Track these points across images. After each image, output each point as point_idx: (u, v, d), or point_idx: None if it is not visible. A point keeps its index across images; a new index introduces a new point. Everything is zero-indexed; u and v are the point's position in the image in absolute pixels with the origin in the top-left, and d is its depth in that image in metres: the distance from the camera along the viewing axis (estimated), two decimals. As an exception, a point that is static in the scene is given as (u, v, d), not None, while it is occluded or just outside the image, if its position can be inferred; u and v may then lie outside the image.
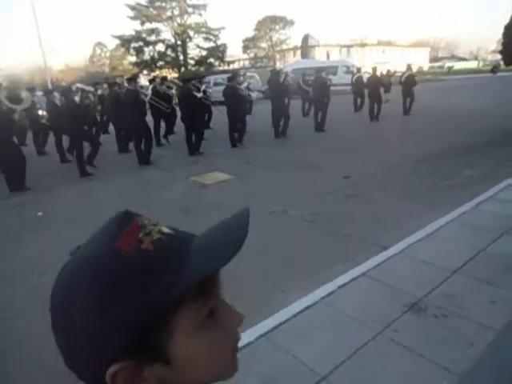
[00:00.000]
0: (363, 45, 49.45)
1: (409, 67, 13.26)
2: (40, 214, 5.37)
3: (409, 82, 12.83)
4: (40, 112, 8.70)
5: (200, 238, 0.45)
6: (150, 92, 9.21)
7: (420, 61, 49.08)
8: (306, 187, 5.65)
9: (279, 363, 2.18)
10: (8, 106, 6.12)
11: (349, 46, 49.30)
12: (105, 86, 11.09)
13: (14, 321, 2.88)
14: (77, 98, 7.52)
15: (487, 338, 2.22)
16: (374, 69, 12.72)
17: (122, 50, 38.20)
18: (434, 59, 60.32)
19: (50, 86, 19.94)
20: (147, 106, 8.74)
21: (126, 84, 8.97)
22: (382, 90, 13.44)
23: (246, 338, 2.37)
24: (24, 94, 6.64)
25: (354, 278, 2.98)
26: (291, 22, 47.18)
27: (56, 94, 8.71)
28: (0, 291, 3.32)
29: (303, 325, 2.49)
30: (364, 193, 5.23)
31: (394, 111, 12.96)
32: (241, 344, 1.56)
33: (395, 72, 17.37)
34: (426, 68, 50.86)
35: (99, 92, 10.06)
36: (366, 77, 14.09)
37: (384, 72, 17.57)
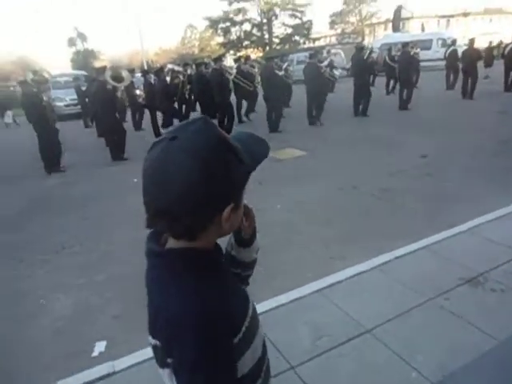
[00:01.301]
0: (466, 14, 44.33)
1: (515, 38, 11.85)
2: (135, 180, 6.18)
3: (512, 55, 11.49)
4: (138, 92, 9.70)
5: (248, 146, 0.71)
6: (234, 71, 9.68)
7: (536, 29, 42.61)
8: (379, 165, 5.62)
9: (330, 315, 2.43)
10: (112, 84, 7.01)
11: (449, 17, 44.63)
12: (193, 66, 11.87)
13: (117, 260, 3.54)
14: (168, 78, 8.26)
15: (545, 316, 2.21)
16: (471, 40, 11.55)
17: (211, 31, 39.51)
18: (555, 27, 51.78)
19: (145, 68, 21.72)
20: (231, 84, 9.23)
21: (212, 64, 9.55)
22: (481, 64, 12.24)
23: (301, 292, 2.66)
24: (124, 74, 7.49)
25: (414, 250, 3.06)
26: (383, -7, 44.11)
27: (152, 75, 9.59)
28: (108, 239, 4.04)
29: (356, 286, 2.69)
30: (439, 172, 5.06)
31: (493, 88, 11.79)
32: (296, 296, 1.92)
33: (500, 44, 15.59)
34: (543, 38, 44.04)
35: (188, 72, 10.80)
36: (461, 50, 12.90)
37: (487, 44, 15.87)
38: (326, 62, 10.42)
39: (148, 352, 2.21)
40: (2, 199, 5.78)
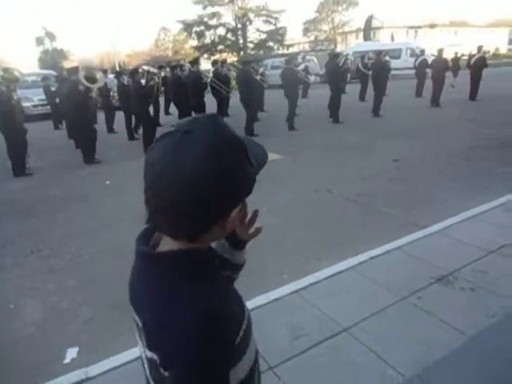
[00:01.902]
0: (433, 26, 46.20)
1: (479, 49, 12.44)
2: (108, 182, 6.04)
3: (478, 66, 12.06)
4: (111, 93, 9.49)
5: (252, 149, 0.68)
6: (211, 74, 9.66)
7: (497, 43, 44.96)
8: (353, 169, 5.75)
9: (307, 315, 2.45)
10: (86, 84, 6.83)
11: (417, 28, 46.36)
12: (167, 69, 11.76)
13: (89, 264, 3.44)
14: (143, 80, 8.14)
15: None
16: (440, 51, 12.07)
17: (185, 34, 39.28)
18: (514, 41, 54.79)
19: (117, 69, 21.32)
20: (208, 87, 9.21)
21: (188, 66, 9.49)
22: (449, 73, 12.76)
23: (279, 293, 2.67)
24: (98, 75, 7.32)
25: (388, 250, 3.14)
26: (355, 3, 45.30)
27: (125, 77, 9.43)
28: (79, 243, 3.91)
29: (333, 287, 2.73)
30: (411, 176, 5.23)
31: (459, 96, 12.32)
32: (274, 297, 1.93)
33: (463, 55, 16.30)
34: (504, 51, 46.49)
35: (163, 74, 10.69)
36: (431, 59, 13.43)
37: (453, 54, 16.60)
38: (301, 67, 10.59)
39: (122, 357, 2.16)
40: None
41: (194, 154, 0.57)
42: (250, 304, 2.51)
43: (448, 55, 17.88)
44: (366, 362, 2.04)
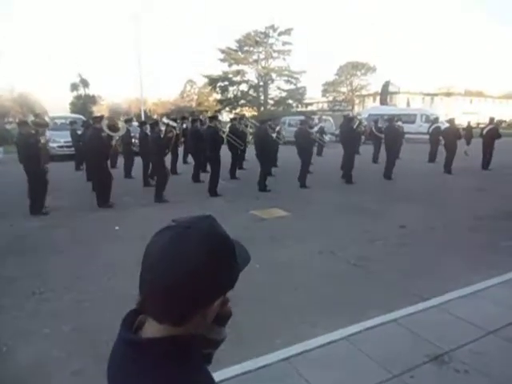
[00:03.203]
0: (449, 94, 47.79)
1: (491, 120, 12.77)
2: (117, 228, 6.18)
3: (490, 136, 12.32)
4: (133, 140, 9.98)
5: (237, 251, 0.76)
6: (227, 130, 10.12)
7: (512, 113, 45.90)
8: (359, 232, 5.77)
9: (295, 386, 2.40)
10: (108, 133, 7.26)
11: (433, 95, 48.00)
12: (189, 119, 12.38)
13: (86, 310, 3.47)
14: (162, 131, 8.57)
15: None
16: (451, 120, 12.43)
17: (210, 87, 41.55)
18: (530, 112, 55.78)
19: (143, 117, 22.47)
20: (224, 141, 9.61)
21: (207, 121, 9.99)
22: (462, 141, 13.00)
23: (268, 359, 2.64)
24: (120, 124, 7.81)
25: (383, 322, 3.09)
26: (373, 69, 47.52)
27: (148, 126, 9.94)
28: (80, 288, 3.98)
29: (324, 357, 2.68)
30: (416, 244, 5.22)
31: (472, 165, 12.45)
32: (263, 363, 1.97)
33: (478, 124, 16.68)
34: (519, 121, 47.25)
35: (184, 126, 11.21)
36: (444, 127, 13.79)
37: (466, 123, 17.03)
38: (316, 128, 10.99)
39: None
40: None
41: (192, 248, 0.66)
42: (237, 368, 2.50)
43: (462, 123, 18.36)
44: None
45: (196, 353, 0.73)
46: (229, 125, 10.56)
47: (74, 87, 35.67)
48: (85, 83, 35.61)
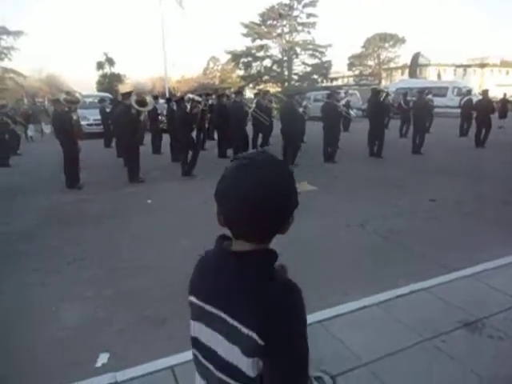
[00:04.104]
0: (483, 65, 45.34)
1: (530, 92, 12.12)
2: (149, 201, 6.38)
3: (527, 108, 11.75)
4: (160, 117, 10.11)
5: None
6: (254, 105, 10.07)
7: (553, 84, 43.19)
8: (387, 205, 5.73)
9: (328, 346, 2.48)
10: (136, 108, 7.37)
11: (466, 66, 45.67)
12: (214, 96, 12.36)
13: (126, 277, 3.66)
14: (188, 107, 8.62)
15: (541, 365, 2.24)
16: (485, 92, 11.87)
17: (232, 64, 41.06)
18: None
19: (167, 95, 22.56)
20: (249, 116, 9.59)
21: (233, 96, 9.96)
22: (495, 115, 12.46)
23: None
24: (148, 99, 7.90)
25: (415, 290, 3.12)
26: (402, 40, 45.57)
27: (174, 103, 10.02)
28: (117, 256, 4.18)
29: (356, 320, 2.75)
30: (447, 217, 5.14)
31: (506, 139, 11.95)
32: None
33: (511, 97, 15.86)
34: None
35: (210, 102, 11.23)
36: (476, 99, 13.19)
37: (501, 95, 16.21)
38: (343, 102, 10.77)
39: (150, 366, 2.30)
40: (23, 211, 6.01)
41: (274, 176, 0.81)
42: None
43: (497, 95, 17.48)
44: (383, 399, 2.05)
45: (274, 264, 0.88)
46: (255, 100, 10.47)
47: (100, 66, 36.12)
48: (110, 62, 35.98)
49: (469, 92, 14.46)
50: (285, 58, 38.35)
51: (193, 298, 0.92)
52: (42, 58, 51.12)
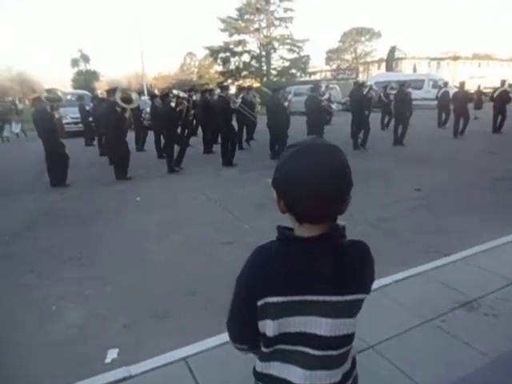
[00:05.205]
0: (456, 58, 46.53)
1: (503, 83, 12.56)
2: (138, 199, 6.33)
3: (501, 99, 12.15)
4: (143, 114, 9.97)
5: None
6: (239, 100, 10.06)
7: (522, 76, 44.79)
8: (375, 195, 5.86)
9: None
10: (121, 105, 7.26)
11: (439, 59, 46.77)
12: (197, 93, 12.24)
13: (124, 273, 3.64)
14: (172, 103, 8.55)
15: (534, 339, 2.38)
16: (462, 83, 12.25)
17: (210, 59, 40.77)
18: (539, 75, 54.40)
19: (145, 92, 22.23)
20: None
21: (218, 91, 9.92)
22: (471, 106, 12.86)
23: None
24: (133, 96, 7.79)
25: (412, 275, 3.24)
26: (378, 34, 46.29)
27: (158, 99, 9.89)
28: (112, 254, 4.15)
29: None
30: (433, 205, 5.32)
31: (482, 129, 12.35)
32: None
33: (485, 88, 16.39)
34: (529, 84, 46.14)
35: (193, 98, 11.15)
36: (453, 92, 13.58)
37: (475, 87, 16.73)
38: (325, 96, 10.89)
39: (163, 358, 2.33)
40: (11, 213, 5.85)
41: (345, 156, 0.91)
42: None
43: (470, 87, 18.02)
44: (392, 377, 2.14)
45: None
46: (241, 95, 10.45)
47: (75, 63, 35.19)
48: (85, 59, 35.10)
49: (445, 84, 14.87)
50: (263, 53, 38.32)
51: (278, 298, 0.89)
52: (10, 56, 49.14)
